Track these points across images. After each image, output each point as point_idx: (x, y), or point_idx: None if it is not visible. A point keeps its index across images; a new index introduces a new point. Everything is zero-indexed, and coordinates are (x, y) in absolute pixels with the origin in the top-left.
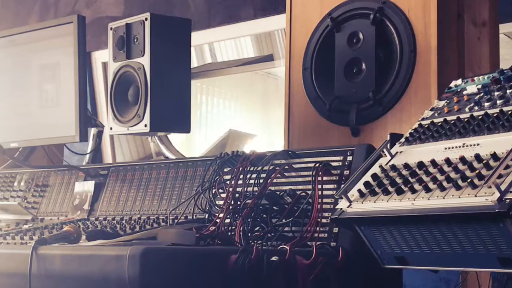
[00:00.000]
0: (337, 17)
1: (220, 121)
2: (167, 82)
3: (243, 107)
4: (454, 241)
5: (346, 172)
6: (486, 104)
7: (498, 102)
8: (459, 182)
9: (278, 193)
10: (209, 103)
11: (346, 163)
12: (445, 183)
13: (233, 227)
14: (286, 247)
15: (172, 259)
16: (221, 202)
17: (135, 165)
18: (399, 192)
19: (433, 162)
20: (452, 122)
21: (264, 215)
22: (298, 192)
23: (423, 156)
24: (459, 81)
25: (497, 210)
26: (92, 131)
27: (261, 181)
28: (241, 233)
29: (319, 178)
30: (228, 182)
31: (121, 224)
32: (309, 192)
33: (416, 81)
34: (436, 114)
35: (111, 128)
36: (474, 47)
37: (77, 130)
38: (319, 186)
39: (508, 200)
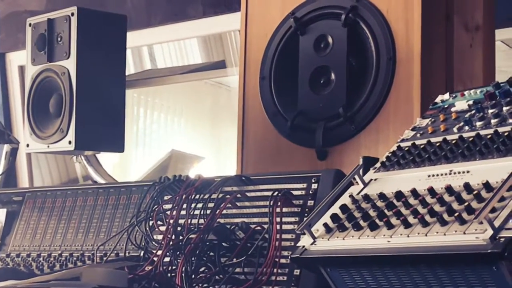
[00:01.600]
0: (302, 16)
1: (160, 140)
2: (97, 91)
3: (189, 123)
4: (438, 287)
5: (310, 203)
6: (478, 123)
7: (493, 121)
8: (445, 216)
9: (228, 226)
10: (148, 117)
11: (310, 192)
12: (428, 218)
13: (173, 267)
14: None
15: None
16: (160, 237)
17: (56, 191)
18: (373, 227)
19: (414, 192)
20: (438, 144)
21: (212, 253)
22: (253, 226)
23: (402, 184)
24: (446, 96)
25: (489, 251)
26: (5, 148)
27: (209, 212)
28: (183, 274)
29: (278, 209)
30: (168, 212)
31: (38, 262)
32: (266, 226)
33: (395, 95)
34: (418, 135)
35: (28, 145)
36: (465, 56)
37: None
38: (278, 219)
39: (503, 239)
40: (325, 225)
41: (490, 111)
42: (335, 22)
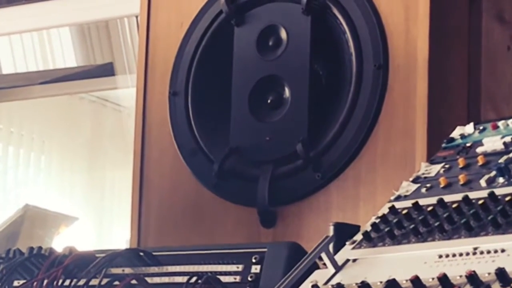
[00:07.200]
0: None
1: (7, 188)
2: None
3: (54, 162)
4: None
5: None
6: None
7: None
8: None
9: None
10: None
11: (250, 278)
12: None
13: None
14: None
15: None
16: None
17: None
18: None
19: (417, 283)
20: (455, 206)
21: None
22: None
23: (398, 269)
24: (469, 128)
25: None
26: None
27: None
28: None
29: None
30: None
31: None
32: None
33: (386, 125)
34: (423, 190)
35: None
36: (499, 63)
37: None
38: None
39: None
40: None
41: None
42: (292, 7)
